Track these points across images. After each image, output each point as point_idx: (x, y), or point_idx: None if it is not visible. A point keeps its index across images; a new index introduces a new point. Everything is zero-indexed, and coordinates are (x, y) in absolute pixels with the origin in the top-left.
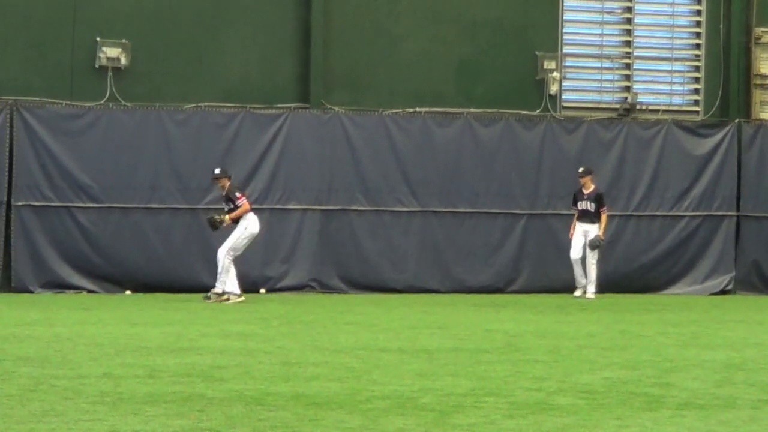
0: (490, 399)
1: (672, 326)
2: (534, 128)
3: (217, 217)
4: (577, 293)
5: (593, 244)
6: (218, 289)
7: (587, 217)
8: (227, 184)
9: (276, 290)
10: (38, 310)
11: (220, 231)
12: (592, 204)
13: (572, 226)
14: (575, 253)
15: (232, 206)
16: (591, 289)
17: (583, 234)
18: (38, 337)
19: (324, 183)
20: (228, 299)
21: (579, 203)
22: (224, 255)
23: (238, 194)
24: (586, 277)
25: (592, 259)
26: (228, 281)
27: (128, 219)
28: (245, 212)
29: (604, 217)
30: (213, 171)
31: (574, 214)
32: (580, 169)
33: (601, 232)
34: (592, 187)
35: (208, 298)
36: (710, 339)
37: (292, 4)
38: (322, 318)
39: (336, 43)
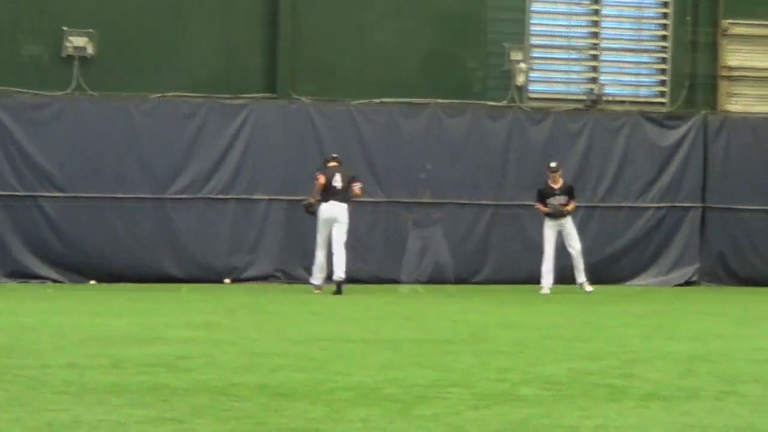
0: (455, 390)
1: (636, 317)
2: (501, 119)
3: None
4: (546, 291)
5: (557, 210)
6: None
7: (560, 211)
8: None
9: (241, 280)
10: (2, 300)
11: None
12: (565, 197)
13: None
14: (552, 251)
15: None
16: (584, 278)
17: (557, 230)
18: (2, 327)
19: (290, 173)
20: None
21: (550, 199)
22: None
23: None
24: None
25: (578, 248)
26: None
27: (94, 209)
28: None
29: (573, 208)
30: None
31: (535, 207)
32: (553, 164)
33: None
34: (561, 180)
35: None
36: (674, 330)
37: None
38: (287, 308)
39: (303, 33)
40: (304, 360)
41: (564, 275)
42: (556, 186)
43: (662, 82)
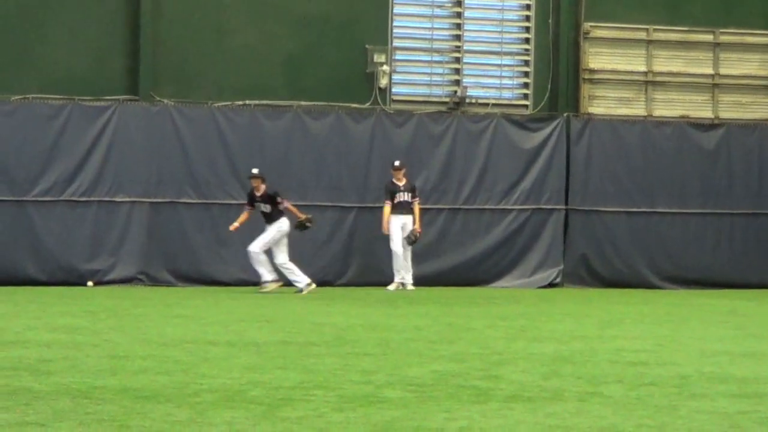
0: (319, 392)
1: (500, 319)
2: (364, 121)
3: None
4: (392, 287)
5: (411, 239)
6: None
7: (404, 208)
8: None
9: (104, 283)
10: None
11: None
12: (408, 194)
13: (386, 221)
14: (399, 245)
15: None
16: (410, 279)
17: (402, 226)
18: None
19: (152, 175)
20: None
21: (397, 195)
22: (258, 250)
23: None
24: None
25: (408, 251)
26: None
27: None
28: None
29: (418, 208)
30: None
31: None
32: (396, 163)
33: (417, 226)
34: (404, 179)
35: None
36: (538, 332)
37: None
38: (150, 311)
39: (165, 36)
40: (167, 363)
41: (431, 276)
42: (401, 183)
43: (525, 85)
